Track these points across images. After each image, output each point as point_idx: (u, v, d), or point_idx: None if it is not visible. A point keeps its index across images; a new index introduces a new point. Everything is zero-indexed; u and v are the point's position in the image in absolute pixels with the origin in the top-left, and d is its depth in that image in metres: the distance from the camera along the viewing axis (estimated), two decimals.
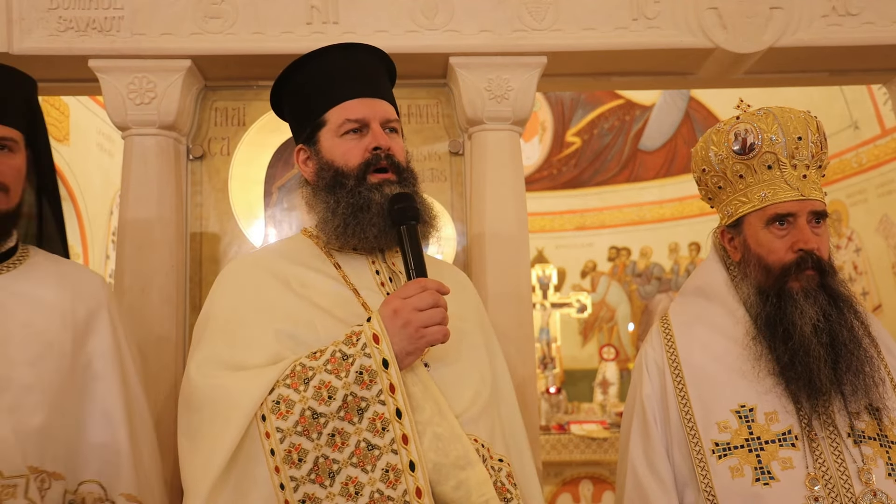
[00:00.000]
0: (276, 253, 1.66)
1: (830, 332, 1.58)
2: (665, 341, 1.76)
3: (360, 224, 1.51)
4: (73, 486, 1.65)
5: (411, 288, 1.40)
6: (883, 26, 2.64)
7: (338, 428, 1.31)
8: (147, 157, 2.58)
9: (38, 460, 1.56)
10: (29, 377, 1.58)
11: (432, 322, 1.37)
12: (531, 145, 9.28)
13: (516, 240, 2.62)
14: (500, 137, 2.67)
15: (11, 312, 1.63)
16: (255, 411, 1.32)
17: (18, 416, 1.54)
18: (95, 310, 1.76)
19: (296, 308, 1.50)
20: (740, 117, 1.70)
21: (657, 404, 1.71)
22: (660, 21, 2.63)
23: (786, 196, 1.62)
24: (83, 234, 5.70)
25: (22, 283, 1.69)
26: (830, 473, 1.50)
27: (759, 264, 1.66)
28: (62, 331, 1.68)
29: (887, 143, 6.02)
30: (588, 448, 5.27)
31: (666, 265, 9.08)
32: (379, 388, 1.33)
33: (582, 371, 8.30)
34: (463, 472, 1.34)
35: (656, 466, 1.66)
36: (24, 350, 1.61)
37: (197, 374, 1.43)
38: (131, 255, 2.52)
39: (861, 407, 1.56)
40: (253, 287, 1.54)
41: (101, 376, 1.73)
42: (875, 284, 6.22)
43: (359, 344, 1.36)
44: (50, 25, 2.53)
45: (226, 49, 2.56)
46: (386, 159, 1.55)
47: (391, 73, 1.76)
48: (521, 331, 2.56)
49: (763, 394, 1.59)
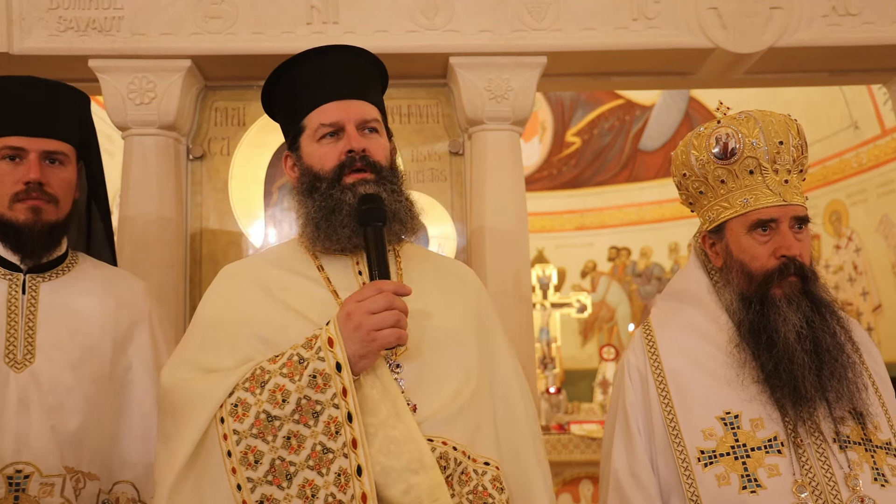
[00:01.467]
0: (262, 259, 1.69)
1: (814, 339, 1.56)
2: (647, 347, 1.74)
3: (331, 226, 1.51)
4: (107, 486, 1.72)
5: (367, 290, 1.39)
6: (883, 26, 2.64)
7: (293, 431, 1.32)
8: (147, 156, 2.58)
9: (74, 461, 1.64)
10: (70, 380, 1.67)
11: (384, 325, 1.37)
12: (531, 145, 9.28)
13: (516, 239, 2.63)
14: (500, 137, 2.67)
15: (58, 317, 1.72)
16: (215, 413, 1.35)
17: (59, 418, 1.63)
18: (137, 318, 1.85)
19: (271, 312, 1.51)
20: (721, 121, 1.67)
21: (640, 412, 1.69)
22: (660, 21, 2.63)
23: (768, 201, 1.61)
24: None
25: (69, 289, 1.77)
26: (818, 480, 1.49)
27: (741, 270, 1.65)
28: (104, 337, 1.76)
29: (887, 143, 6.02)
30: (588, 448, 5.26)
31: (666, 265, 9.09)
32: (333, 391, 1.34)
33: (582, 371, 8.29)
34: (415, 476, 1.34)
35: (639, 476, 1.64)
36: (67, 354, 1.69)
37: (168, 377, 1.47)
38: (131, 254, 2.52)
39: (845, 412, 1.55)
40: (233, 293, 1.57)
41: (139, 383, 1.81)
42: (875, 284, 6.22)
43: (314, 347, 1.37)
44: (50, 25, 2.53)
45: (226, 49, 2.56)
46: (361, 160, 1.54)
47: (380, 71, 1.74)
48: (521, 331, 2.56)
49: (748, 401, 1.58)
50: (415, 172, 2.75)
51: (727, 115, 1.69)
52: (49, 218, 1.72)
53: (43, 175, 1.70)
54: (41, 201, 1.70)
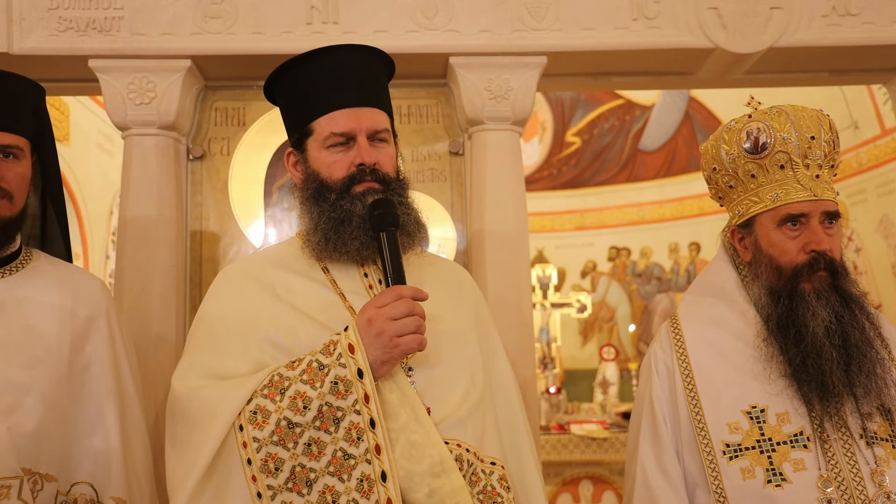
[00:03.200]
0: (264, 258, 1.66)
1: (843, 334, 1.56)
2: (675, 342, 1.74)
3: (340, 238, 1.50)
4: (65, 487, 1.67)
5: (387, 296, 1.39)
6: (883, 26, 2.64)
7: (314, 437, 1.32)
8: (147, 157, 2.58)
9: (31, 462, 1.58)
10: (26, 380, 1.60)
11: (406, 331, 1.37)
12: (531, 145, 9.28)
13: (516, 240, 2.62)
14: (500, 137, 2.67)
15: (12, 316, 1.66)
16: (233, 421, 1.34)
17: (15, 419, 1.56)
18: (94, 315, 1.78)
19: (279, 314, 1.50)
20: (752, 115, 1.67)
21: (667, 406, 1.70)
22: (660, 21, 2.63)
23: (798, 196, 1.60)
24: (83, 234, 5.70)
25: (23, 286, 1.71)
26: (843, 475, 1.49)
27: (770, 265, 1.65)
28: (61, 335, 1.70)
29: (887, 143, 6.02)
30: (588, 448, 5.26)
31: (666, 265, 9.09)
32: (354, 398, 1.33)
33: (582, 371, 8.30)
34: (437, 479, 1.34)
35: (666, 468, 1.65)
36: (22, 353, 1.62)
37: (179, 383, 1.46)
38: (131, 255, 2.52)
39: (873, 408, 1.54)
40: (238, 295, 1.55)
41: (97, 381, 1.75)
42: (875, 284, 6.22)
43: (335, 354, 1.37)
44: (50, 25, 2.53)
45: (226, 49, 2.56)
46: (371, 174, 1.52)
47: (388, 70, 1.71)
48: (521, 331, 2.56)
49: (774, 395, 1.58)
50: (415, 172, 2.74)
51: (758, 110, 1.68)
52: (4, 214, 1.65)
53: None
54: None
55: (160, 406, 2.41)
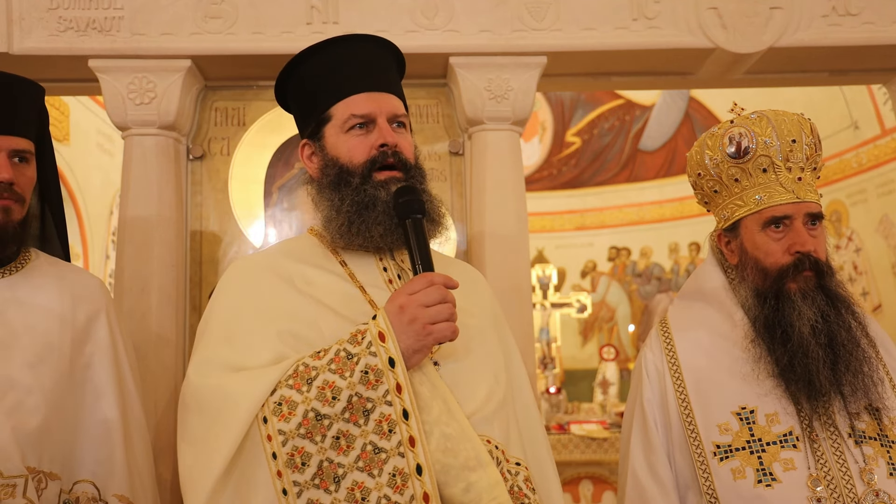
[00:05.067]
0: (279, 252, 1.62)
1: (829, 333, 1.58)
2: (664, 345, 1.77)
3: (364, 223, 1.46)
4: (67, 485, 1.67)
5: (418, 283, 1.34)
6: (883, 26, 2.65)
7: (343, 430, 1.25)
8: (147, 156, 2.58)
9: (35, 461, 1.58)
10: (29, 379, 1.61)
11: (440, 318, 1.32)
12: (531, 145, 9.28)
13: (516, 240, 2.62)
14: (500, 137, 2.67)
15: (13, 316, 1.66)
16: (256, 413, 1.26)
17: (18, 418, 1.56)
18: (94, 313, 1.79)
19: (299, 306, 1.45)
20: (734, 121, 1.70)
21: (657, 408, 1.72)
22: (660, 21, 2.64)
23: (781, 199, 1.63)
24: (83, 234, 5.70)
25: (23, 286, 1.71)
26: (832, 474, 1.50)
27: (756, 267, 1.67)
28: (62, 334, 1.70)
29: (887, 143, 6.02)
30: (588, 448, 5.26)
31: (666, 265, 9.09)
32: (385, 388, 1.27)
33: (582, 371, 8.30)
34: (473, 473, 1.29)
35: (657, 470, 1.66)
36: (24, 353, 1.63)
37: (196, 375, 1.39)
38: (131, 255, 2.52)
39: (861, 407, 1.56)
40: (254, 287, 1.49)
41: (98, 379, 1.75)
42: (875, 284, 6.22)
43: (364, 342, 1.30)
44: (50, 25, 2.53)
45: (226, 49, 2.56)
46: (393, 156, 1.49)
47: (400, 65, 1.70)
48: (521, 331, 2.56)
49: (763, 395, 1.60)
50: None
51: (741, 116, 1.71)
52: (17, 217, 1.67)
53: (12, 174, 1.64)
54: (11, 201, 1.65)
55: (162, 405, 2.41)
